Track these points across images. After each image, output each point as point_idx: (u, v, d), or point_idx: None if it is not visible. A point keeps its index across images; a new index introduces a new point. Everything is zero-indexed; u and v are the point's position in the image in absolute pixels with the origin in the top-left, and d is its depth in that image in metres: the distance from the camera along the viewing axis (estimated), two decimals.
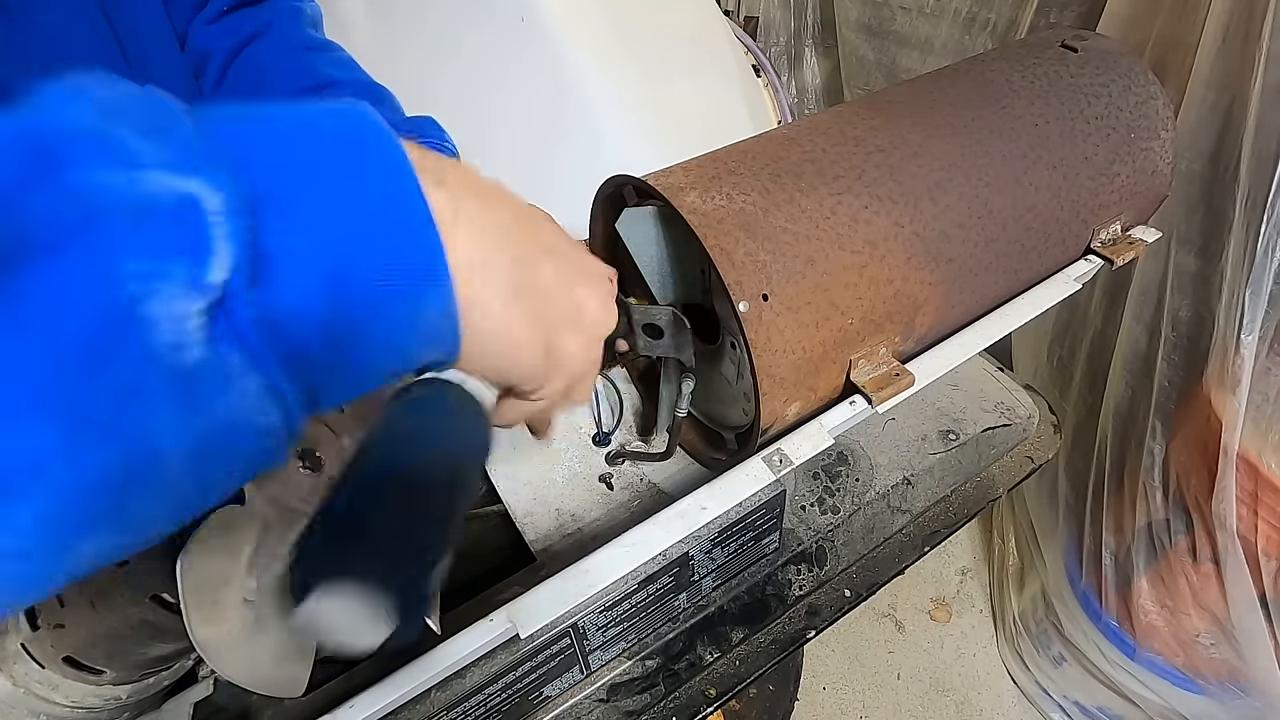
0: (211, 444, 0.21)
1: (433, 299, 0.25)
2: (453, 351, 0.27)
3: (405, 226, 0.24)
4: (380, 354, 0.24)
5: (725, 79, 0.91)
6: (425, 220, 0.24)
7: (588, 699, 0.52)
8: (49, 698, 0.39)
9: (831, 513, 0.62)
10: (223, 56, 0.59)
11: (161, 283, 0.18)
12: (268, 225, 0.21)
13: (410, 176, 0.24)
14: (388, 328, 0.24)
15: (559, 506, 0.60)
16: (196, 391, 0.19)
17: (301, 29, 0.61)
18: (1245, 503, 0.85)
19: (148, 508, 0.20)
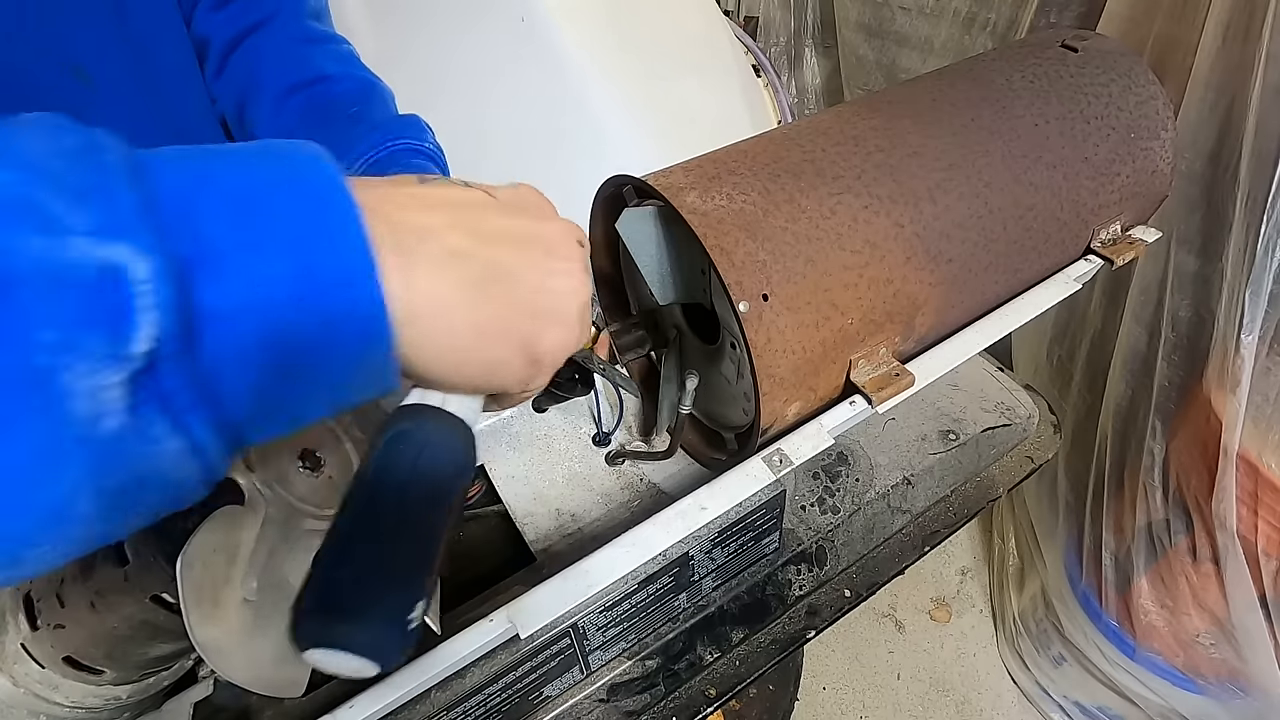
0: (123, 501, 0.21)
1: (373, 353, 0.24)
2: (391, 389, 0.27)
3: (346, 284, 0.23)
4: (318, 399, 0.24)
5: (725, 79, 0.91)
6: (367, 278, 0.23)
7: (588, 699, 0.52)
8: (49, 698, 0.39)
9: (831, 513, 0.62)
10: (222, 46, 0.59)
11: (76, 355, 0.18)
12: (202, 286, 0.20)
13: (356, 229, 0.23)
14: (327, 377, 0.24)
15: (559, 506, 0.60)
16: (113, 457, 0.19)
17: (302, 21, 0.61)
18: (1245, 503, 0.85)
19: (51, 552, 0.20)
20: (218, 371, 0.21)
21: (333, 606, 0.25)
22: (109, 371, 0.18)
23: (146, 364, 0.19)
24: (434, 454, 0.29)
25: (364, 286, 0.23)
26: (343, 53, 0.62)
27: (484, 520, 0.62)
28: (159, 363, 0.19)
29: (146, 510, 0.22)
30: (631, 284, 0.63)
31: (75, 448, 0.18)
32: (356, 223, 0.23)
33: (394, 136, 0.56)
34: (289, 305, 0.22)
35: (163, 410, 0.20)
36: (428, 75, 0.80)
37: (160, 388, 0.20)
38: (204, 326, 0.20)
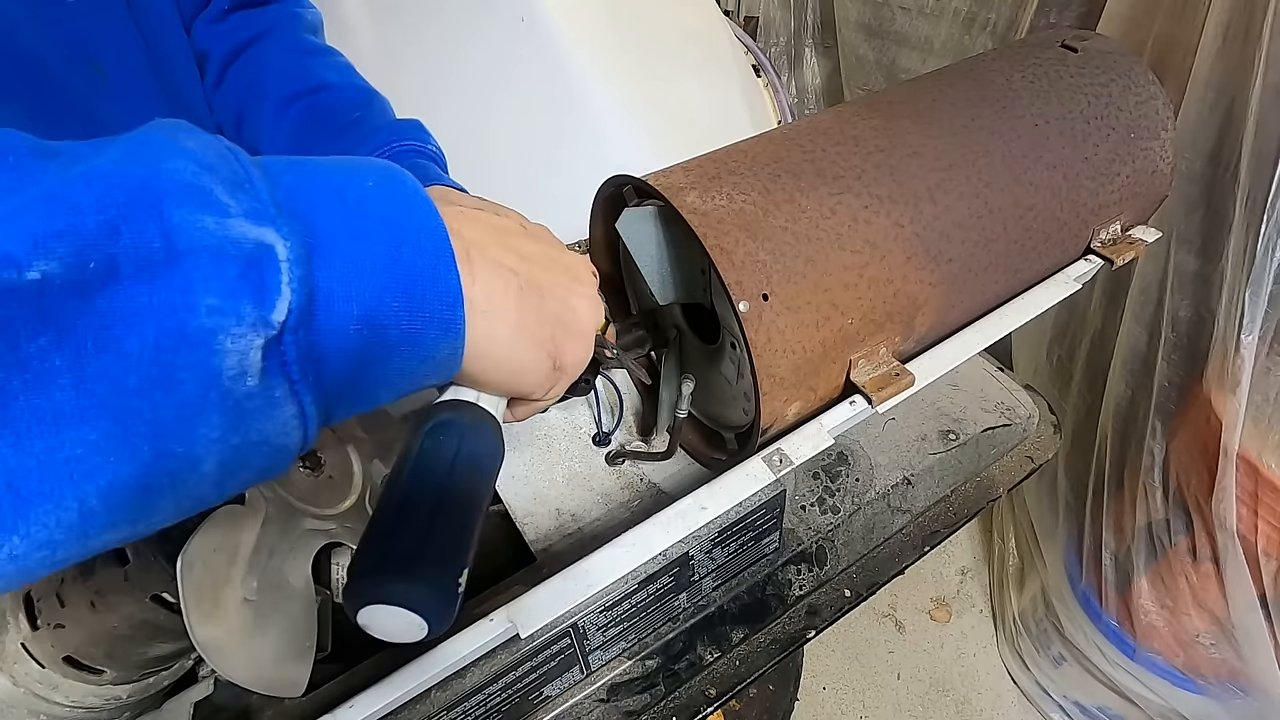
0: (239, 458, 0.23)
1: (447, 342, 0.28)
2: (449, 379, 0.31)
3: (433, 278, 0.26)
4: (391, 382, 0.27)
5: (725, 79, 0.91)
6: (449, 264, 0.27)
7: (588, 699, 0.52)
8: (49, 698, 0.39)
9: (831, 513, 0.62)
10: (221, 59, 0.60)
11: (232, 318, 0.20)
12: (320, 269, 0.23)
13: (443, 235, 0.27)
14: (403, 362, 0.27)
15: (559, 506, 0.60)
16: (243, 415, 0.22)
17: (300, 34, 0.62)
18: (1245, 503, 0.85)
19: (170, 507, 0.22)
20: (324, 346, 0.23)
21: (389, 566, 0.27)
22: (254, 335, 0.21)
23: (278, 332, 0.21)
24: (474, 440, 0.32)
25: (447, 278, 0.27)
26: (340, 64, 0.63)
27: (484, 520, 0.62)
28: (285, 333, 0.22)
29: (251, 474, 0.24)
30: (631, 284, 0.63)
31: (220, 401, 0.21)
32: (440, 224, 0.27)
33: (397, 138, 0.56)
34: (386, 291, 0.25)
35: (284, 377, 0.22)
36: (428, 76, 0.80)
37: (284, 356, 0.22)
38: (318, 305, 0.23)
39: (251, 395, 0.21)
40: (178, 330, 0.19)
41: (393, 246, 0.25)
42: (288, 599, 0.41)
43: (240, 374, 0.21)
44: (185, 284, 0.19)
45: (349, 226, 0.24)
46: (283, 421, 0.23)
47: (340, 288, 0.24)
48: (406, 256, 0.26)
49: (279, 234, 0.22)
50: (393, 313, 0.25)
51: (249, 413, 0.22)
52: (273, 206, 0.22)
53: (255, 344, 0.21)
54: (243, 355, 0.21)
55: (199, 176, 0.21)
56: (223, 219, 0.20)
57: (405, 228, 0.26)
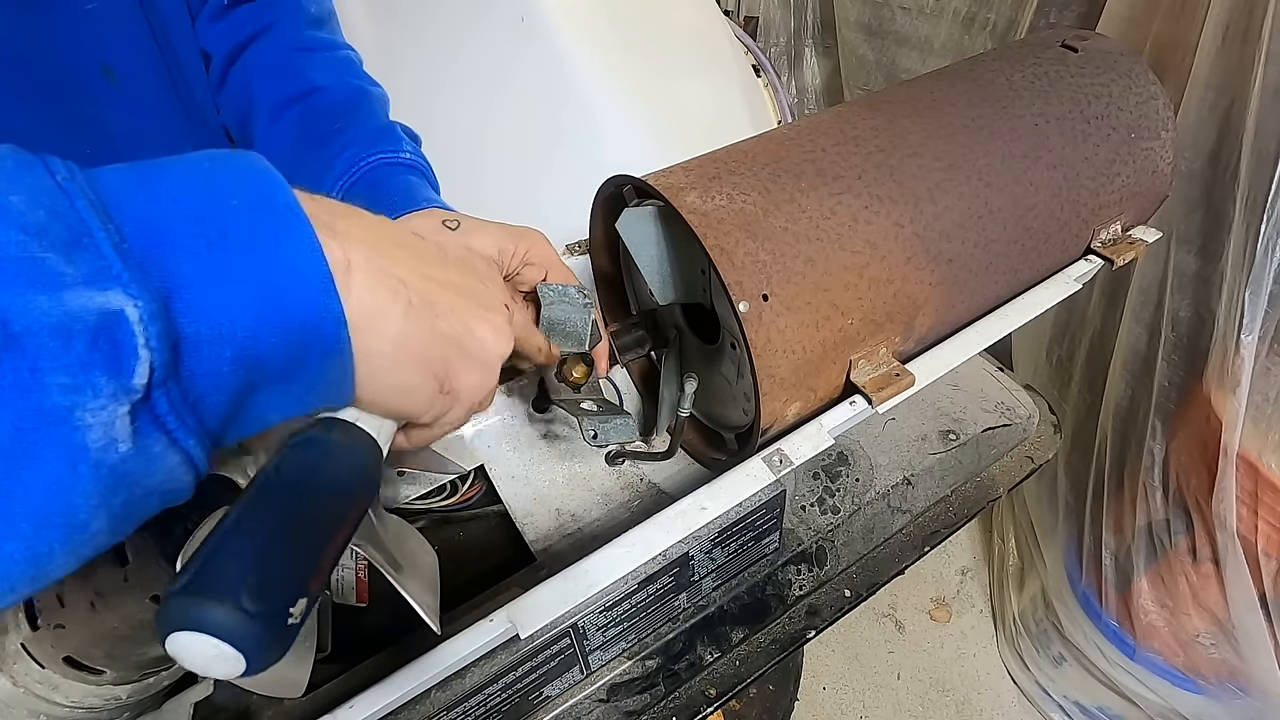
0: (128, 511, 0.22)
1: (333, 364, 0.26)
2: (345, 401, 0.29)
3: (310, 300, 0.25)
4: (281, 406, 0.26)
5: (725, 79, 0.91)
6: (327, 287, 0.25)
7: (588, 699, 0.52)
8: (49, 698, 0.39)
9: (831, 513, 0.62)
10: (222, 59, 0.59)
11: (87, 394, 0.19)
12: (180, 317, 0.22)
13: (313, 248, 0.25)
14: (289, 388, 0.26)
15: (559, 506, 0.60)
16: (121, 478, 0.21)
17: (300, 30, 0.61)
18: (1245, 503, 0.85)
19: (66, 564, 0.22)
20: (199, 390, 0.23)
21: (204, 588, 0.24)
22: (115, 405, 0.20)
23: (143, 394, 0.21)
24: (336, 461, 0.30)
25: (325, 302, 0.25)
26: (338, 59, 0.61)
27: (484, 520, 0.62)
28: (153, 391, 0.21)
29: (148, 515, 0.24)
30: (631, 284, 0.63)
31: (91, 473, 0.20)
32: (313, 242, 0.25)
33: (368, 152, 0.55)
34: (256, 326, 0.23)
35: (159, 430, 0.22)
36: (428, 76, 0.80)
37: (154, 411, 0.22)
38: (185, 353, 0.22)
39: (126, 459, 0.21)
40: (33, 410, 0.19)
41: (262, 276, 0.24)
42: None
43: (109, 443, 0.20)
44: (31, 365, 0.19)
45: (210, 263, 0.23)
46: (167, 471, 0.23)
47: (208, 331, 0.22)
48: (277, 284, 0.24)
49: (126, 294, 0.20)
50: (270, 346, 0.24)
51: (127, 475, 0.21)
52: (118, 260, 0.21)
53: (119, 412, 0.20)
54: (107, 425, 0.20)
55: (25, 247, 0.19)
56: (57, 293, 0.19)
57: (275, 252, 0.24)
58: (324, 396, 0.28)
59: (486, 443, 0.63)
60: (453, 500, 0.61)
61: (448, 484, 0.62)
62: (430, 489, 0.61)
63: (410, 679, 0.39)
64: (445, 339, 0.31)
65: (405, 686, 0.39)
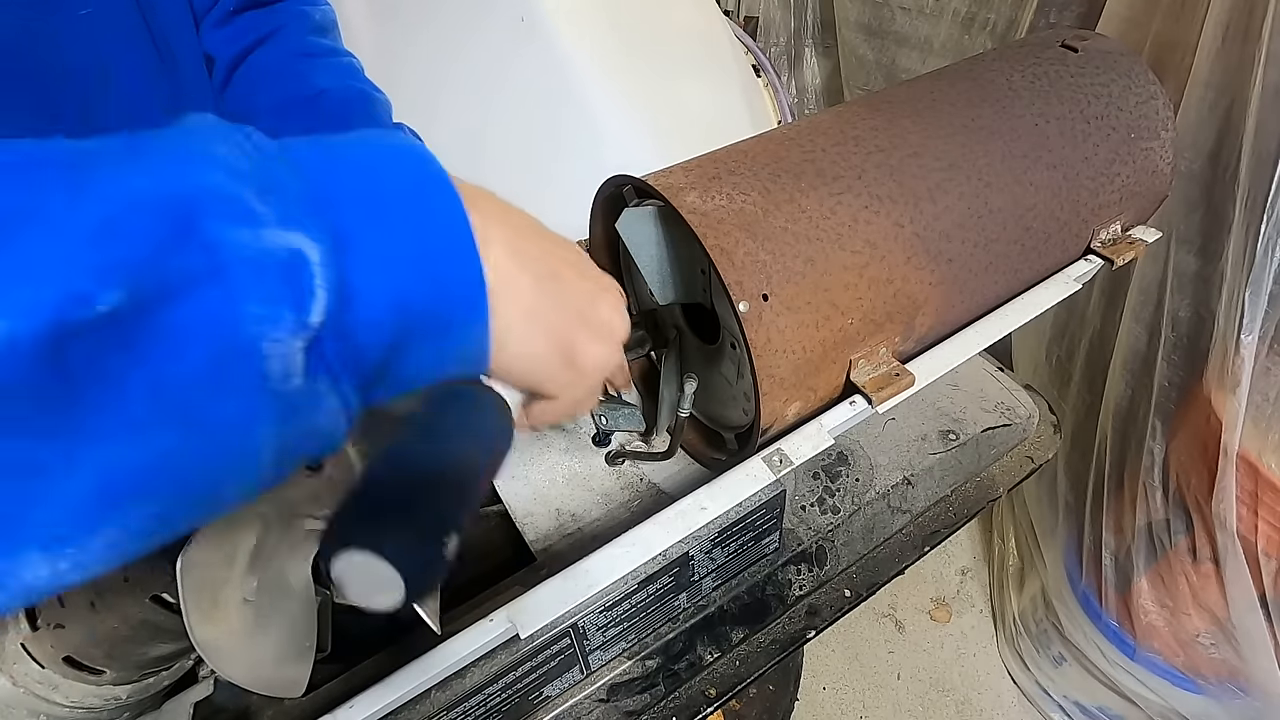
0: (293, 447, 0.24)
1: (475, 324, 0.28)
2: (481, 368, 0.30)
3: (458, 262, 0.27)
4: (423, 369, 0.28)
5: (725, 79, 0.91)
6: (471, 252, 0.27)
7: (588, 699, 0.52)
8: (49, 698, 0.39)
9: (831, 513, 0.62)
10: (226, 64, 0.59)
11: (275, 325, 0.21)
12: (350, 267, 0.24)
13: (462, 218, 0.27)
14: (434, 349, 0.27)
15: (559, 506, 0.60)
16: (294, 411, 0.23)
17: (305, 35, 0.61)
18: (1245, 503, 0.85)
19: (236, 493, 0.24)
20: (359, 339, 0.24)
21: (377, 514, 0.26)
22: (295, 339, 0.22)
23: (317, 333, 0.23)
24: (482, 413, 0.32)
25: (469, 259, 0.27)
26: (342, 65, 0.62)
27: (484, 520, 0.62)
28: (323, 331, 0.23)
29: (304, 458, 0.25)
30: (631, 284, 0.63)
31: (270, 402, 0.22)
32: (460, 208, 0.27)
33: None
34: (411, 281, 0.25)
35: (326, 372, 0.24)
36: (428, 76, 0.80)
37: (324, 353, 0.23)
38: (351, 300, 0.24)
39: (299, 393, 0.23)
40: (229, 340, 0.21)
41: (418, 236, 0.26)
42: (287, 599, 0.41)
43: (286, 375, 0.22)
44: (229, 296, 0.20)
45: (375, 216, 0.25)
46: (329, 411, 0.24)
47: (370, 280, 0.24)
48: (432, 245, 0.26)
49: (309, 237, 0.22)
50: (421, 303, 0.26)
51: (298, 408, 0.23)
52: (301, 205, 0.23)
53: (297, 346, 0.22)
54: (286, 358, 0.22)
55: (232, 187, 0.21)
56: (257, 230, 0.21)
57: (430, 216, 0.26)
58: (462, 362, 0.29)
59: None
60: None
61: None
62: None
63: (410, 679, 0.39)
64: (570, 312, 0.33)
65: (405, 686, 0.39)
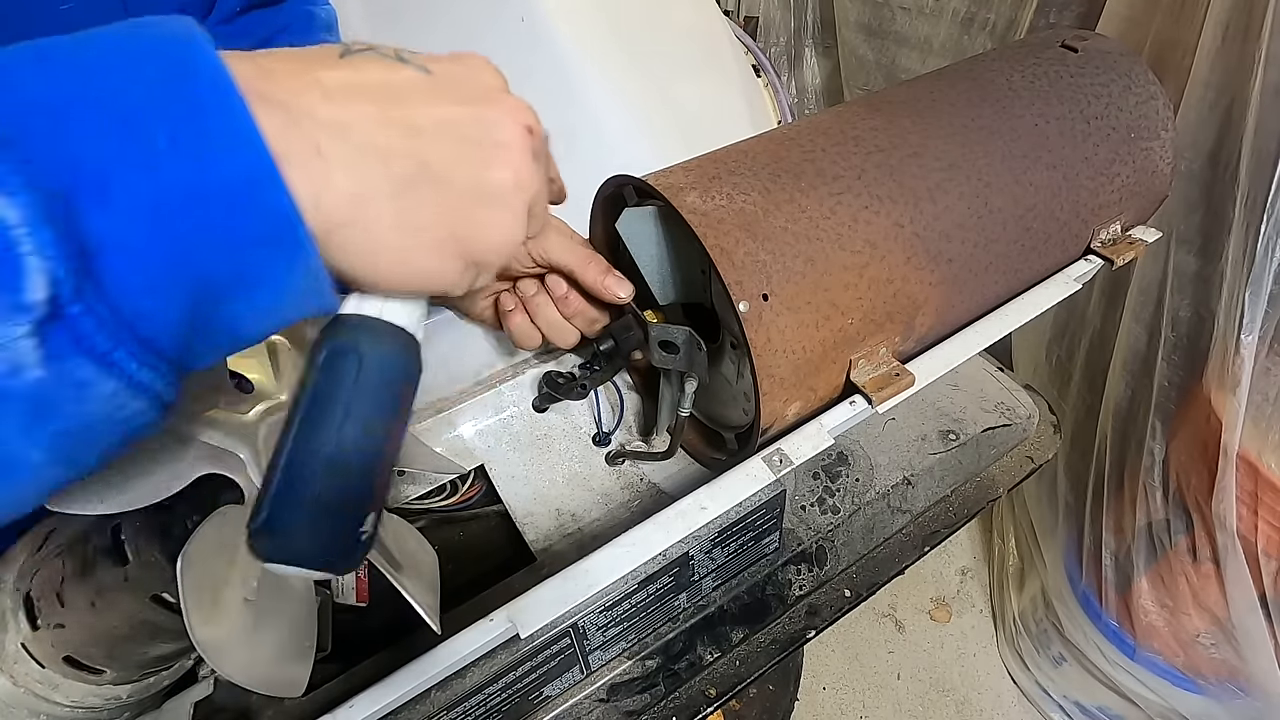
0: (77, 440, 0.20)
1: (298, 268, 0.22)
2: (329, 304, 0.25)
3: (246, 190, 0.21)
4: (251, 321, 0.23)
5: (725, 79, 0.91)
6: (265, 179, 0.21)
7: (588, 699, 0.52)
8: (49, 698, 0.39)
9: (831, 513, 0.62)
10: None
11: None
12: (87, 216, 0.18)
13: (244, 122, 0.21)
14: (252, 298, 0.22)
15: (559, 506, 0.60)
16: (45, 406, 0.19)
17: (314, 34, 0.61)
18: (1245, 503, 0.85)
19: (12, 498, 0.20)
20: (132, 304, 0.19)
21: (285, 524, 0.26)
22: (9, 325, 0.17)
23: (51, 310, 0.18)
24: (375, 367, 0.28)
25: (270, 198, 0.21)
26: None
27: (484, 520, 0.62)
28: (64, 306, 0.18)
29: (109, 447, 0.21)
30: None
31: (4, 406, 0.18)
32: (247, 123, 0.21)
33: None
34: (190, 225, 0.20)
35: (82, 353, 0.19)
36: None
37: (74, 331, 0.19)
38: (102, 260, 0.19)
39: (44, 385, 0.18)
40: None
41: (183, 167, 0.20)
42: (288, 599, 0.41)
43: (12, 370, 0.18)
44: None
45: (118, 152, 0.19)
46: (107, 399, 0.20)
47: (123, 234, 0.19)
48: (205, 176, 0.20)
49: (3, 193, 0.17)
50: (210, 250, 0.20)
51: (53, 403, 0.19)
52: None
53: (17, 332, 0.17)
54: (7, 347, 0.17)
55: None
56: None
57: (196, 136, 0.20)
58: (302, 305, 0.24)
59: (486, 443, 0.63)
60: (453, 500, 0.61)
61: (448, 484, 0.62)
62: (430, 489, 0.61)
63: (410, 679, 0.39)
64: (456, 207, 0.26)
65: (405, 686, 0.39)
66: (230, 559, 0.38)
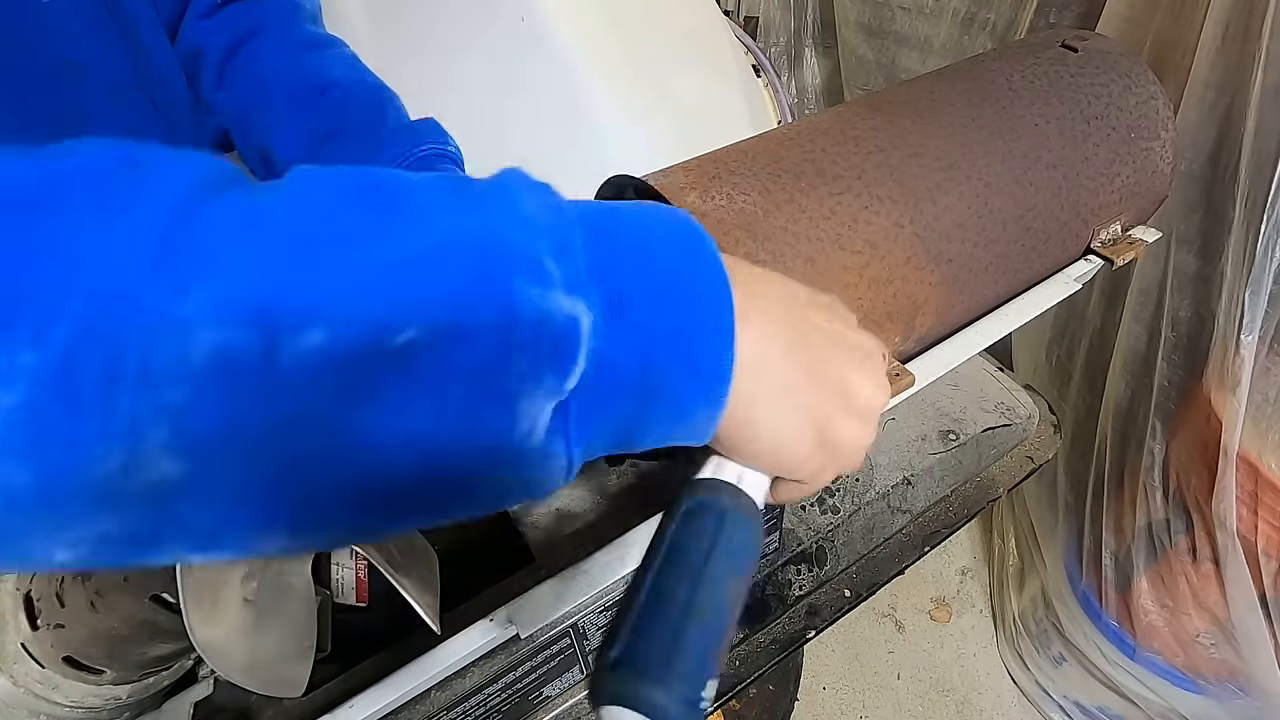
0: (506, 492, 0.24)
1: (704, 407, 0.27)
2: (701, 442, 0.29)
3: (713, 345, 0.26)
4: (645, 437, 0.27)
5: (725, 79, 0.91)
6: (728, 340, 0.26)
7: (588, 699, 0.52)
8: (49, 698, 0.39)
9: (831, 513, 0.62)
10: (218, 56, 0.58)
11: (535, 385, 0.22)
12: (612, 336, 0.23)
13: (727, 300, 0.26)
14: (662, 418, 0.26)
15: (559, 506, 0.60)
16: (522, 463, 0.23)
17: (300, 25, 0.60)
18: (1245, 503, 0.85)
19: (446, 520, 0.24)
20: (599, 408, 0.24)
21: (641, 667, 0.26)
22: (547, 401, 0.22)
23: (565, 398, 0.23)
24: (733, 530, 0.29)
25: (724, 347, 0.26)
26: (346, 57, 0.61)
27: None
28: (571, 396, 0.23)
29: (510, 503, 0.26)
30: None
31: (509, 453, 0.22)
32: (727, 290, 0.26)
33: (417, 142, 0.55)
34: (667, 356, 0.25)
35: (563, 433, 0.23)
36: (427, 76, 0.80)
37: (568, 415, 0.23)
38: (605, 369, 0.23)
39: (534, 450, 0.23)
40: (491, 391, 0.21)
41: (680, 310, 0.25)
42: (288, 599, 0.41)
43: (530, 432, 0.22)
44: (506, 350, 0.21)
45: (647, 289, 0.24)
46: (552, 469, 0.24)
47: (628, 352, 0.24)
48: (693, 319, 0.25)
49: (587, 305, 0.22)
50: (667, 376, 0.25)
51: (527, 463, 0.23)
52: (586, 273, 0.23)
53: (547, 408, 0.22)
54: (535, 417, 0.22)
55: (537, 247, 0.22)
56: (546, 291, 0.21)
57: (695, 290, 0.26)
58: (683, 435, 0.28)
59: None
60: None
61: None
62: None
63: (410, 679, 0.39)
64: (824, 385, 0.30)
65: (405, 686, 0.39)
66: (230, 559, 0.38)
